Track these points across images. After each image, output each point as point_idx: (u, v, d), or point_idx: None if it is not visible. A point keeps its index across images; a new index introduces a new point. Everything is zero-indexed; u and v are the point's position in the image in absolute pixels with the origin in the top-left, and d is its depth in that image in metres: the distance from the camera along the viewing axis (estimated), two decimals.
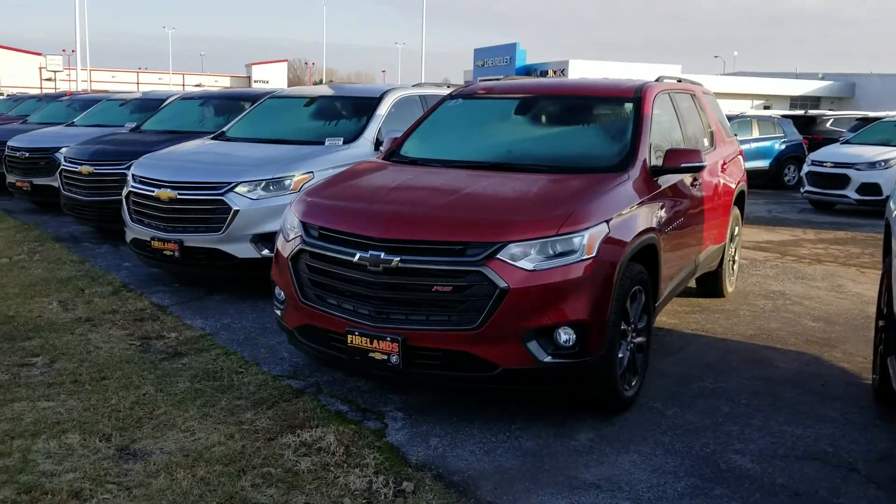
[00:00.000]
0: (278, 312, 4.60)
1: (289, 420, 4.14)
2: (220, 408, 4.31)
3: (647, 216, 4.49)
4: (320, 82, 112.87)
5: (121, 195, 8.66)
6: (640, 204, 4.45)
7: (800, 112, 24.13)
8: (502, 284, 3.73)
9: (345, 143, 7.19)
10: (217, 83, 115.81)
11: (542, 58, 68.39)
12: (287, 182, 6.47)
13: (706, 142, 6.29)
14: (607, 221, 4.04)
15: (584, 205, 4.06)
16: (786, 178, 18.78)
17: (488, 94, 5.80)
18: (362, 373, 4.33)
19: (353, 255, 3.98)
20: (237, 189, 6.37)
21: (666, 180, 4.92)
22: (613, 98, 5.42)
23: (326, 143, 7.20)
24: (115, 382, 4.65)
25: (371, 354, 3.97)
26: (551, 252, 3.85)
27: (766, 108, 64.32)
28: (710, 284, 6.74)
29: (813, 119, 21.61)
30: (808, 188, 14.65)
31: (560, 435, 4.05)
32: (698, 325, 6.15)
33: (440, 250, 3.86)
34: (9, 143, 11.83)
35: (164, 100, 12.51)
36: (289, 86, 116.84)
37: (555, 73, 63.35)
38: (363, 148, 7.19)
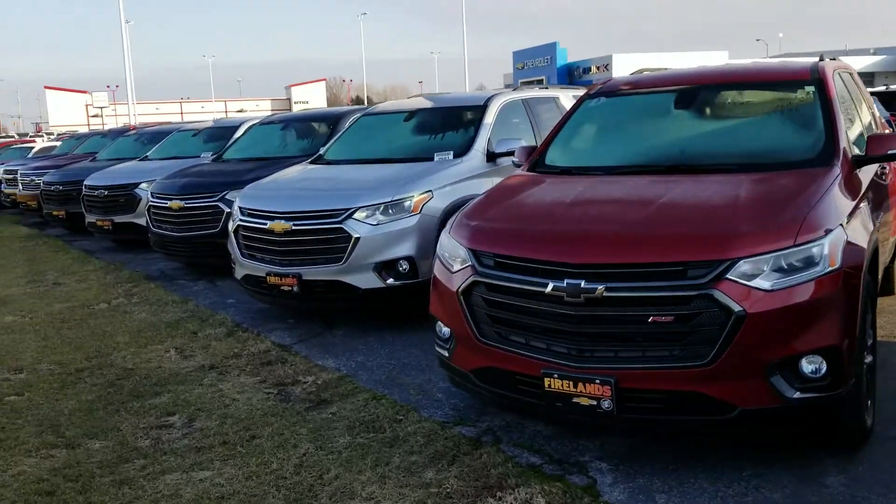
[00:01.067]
0: (444, 353, 4.07)
1: (481, 479, 3.60)
2: (395, 466, 3.79)
3: (867, 214, 3.87)
4: (357, 99, 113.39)
5: (213, 228, 8.33)
6: (860, 200, 3.83)
7: (881, 88, 22.99)
8: (737, 309, 3.14)
9: (455, 156, 6.67)
10: (258, 107, 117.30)
11: (583, 55, 67.38)
12: (407, 203, 5.97)
13: (874, 125, 5.62)
14: (842, 225, 3.43)
15: (815, 207, 3.45)
16: None
17: (636, 89, 5.21)
18: (562, 420, 3.78)
19: (545, 286, 3.42)
20: (356, 215, 5.89)
21: (866, 171, 4.28)
22: (787, 82, 4.79)
23: (436, 158, 6.69)
24: (268, 441, 4.17)
25: (576, 400, 3.41)
26: (786, 266, 3.25)
27: None
28: (882, 281, 6.04)
29: (894, 94, 20.54)
30: None
31: (805, 480, 3.44)
32: (885, 331, 5.46)
33: (654, 273, 3.28)
34: (86, 182, 11.63)
35: (237, 127, 12.22)
36: (328, 105, 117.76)
37: (598, 69, 62.37)
38: (475, 160, 6.67)
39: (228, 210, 8.35)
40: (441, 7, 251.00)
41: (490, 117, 7.09)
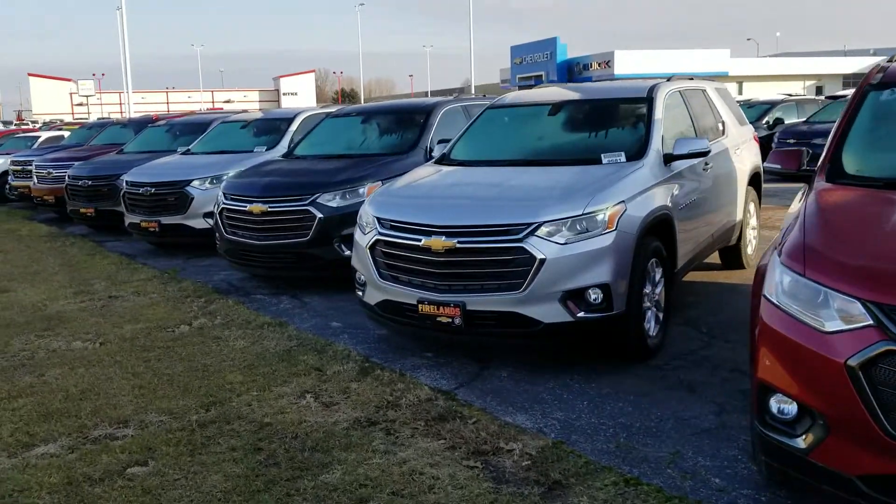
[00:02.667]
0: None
1: None
2: None
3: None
4: (350, 92, 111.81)
5: (302, 237, 7.18)
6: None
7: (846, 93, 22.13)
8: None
9: (628, 159, 5.54)
10: (246, 98, 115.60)
11: (580, 51, 66.35)
12: (600, 217, 4.83)
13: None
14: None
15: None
16: None
17: None
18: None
19: None
20: (539, 231, 4.74)
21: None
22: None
23: (605, 160, 5.56)
24: None
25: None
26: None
27: (818, 89, 61.98)
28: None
29: None
30: None
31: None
32: None
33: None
34: (127, 179, 10.39)
35: (292, 119, 11.08)
36: (318, 97, 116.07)
37: (599, 65, 61.45)
38: (653, 164, 5.55)
39: (321, 215, 7.22)
40: (432, 1, 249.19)
41: (659, 111, 5.96)
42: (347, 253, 7.23)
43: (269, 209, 7.39)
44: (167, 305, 7.32)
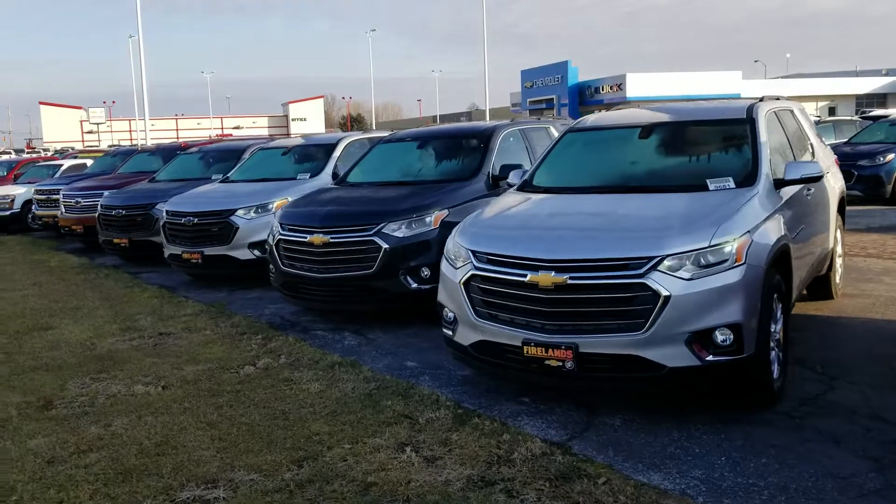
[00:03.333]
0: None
1: None
2: None
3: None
4: (357, 117, 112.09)
5: (367, 269, 6.78)
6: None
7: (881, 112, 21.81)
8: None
9: (737, 184, 5.13)
10: (255, 124, 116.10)
11: (590, 74, 66.31)
12: (727, 250, 4.40)
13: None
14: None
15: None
16: None
17: None
18: None
19: None
20: (662, 266, 4.31)
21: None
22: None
23: (711, 186, 5.15)
24: None
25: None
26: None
27: (831, 109, 61.68)
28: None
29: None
30: None
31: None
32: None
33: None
34: (167, 208, 10.01)
35: (335, 144, 10.74)
36: (326, 123, 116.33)
37: (611, 88, 61.34)
38: (766, 190, 5.13)
39: (386, 246, 6.81)
40: (437, 26, 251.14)
41: (763, 133, 5.56)
42: (414, 285, 6.86)
43: (332, 240, 6.98)
44: (224, 343, 6.90)
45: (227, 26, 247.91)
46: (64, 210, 14.29)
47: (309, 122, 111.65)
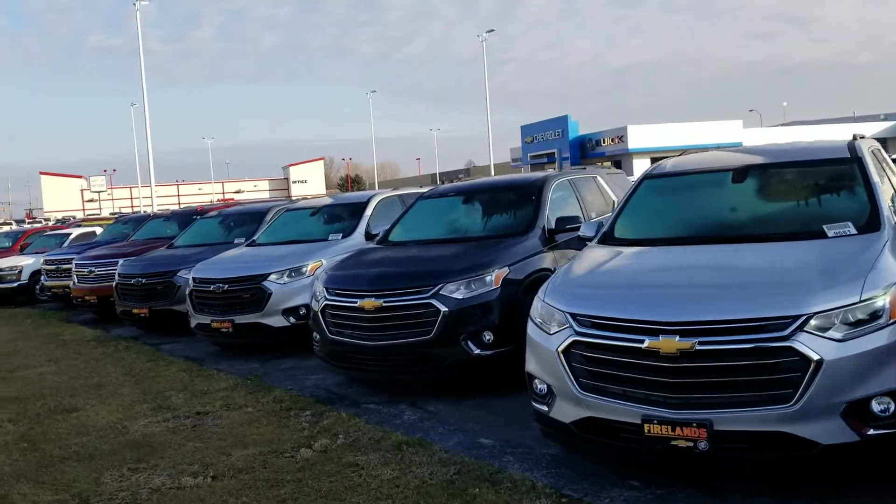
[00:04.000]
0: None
1: None
2: None
3: None
4: (355, 177, 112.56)
5: (424, 335, 6.18)
6: None
7: None
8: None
9: (858, 230, 4.57)
10: (256, 187, 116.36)
11: (587, 128, 66.46)
12: (880, 304, 3.82)
13: None
14: None
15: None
16: None
17: None
18: None
19: None
20: (808, 326, 3.72)
21: None
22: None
23: (830, 232, 4.60)
24: None
25: None
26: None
27: None
28: None
29: None
30: None
31: None
32: None
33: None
34: (194, 275, 9.43)
35: (366, 203, 10.21)
36: (326, 185, 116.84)
37: (612, 140, 61.46)
38: (889, 231, 4.56)
39: (445, 309, 6.22)
40: (432, 87, 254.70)
41: (873, 172, 5.03)
42: (476, 352, 6.27)
43: (385, 304, 6.38)
44: (270, 422, 6.24)
45: (225, 93, 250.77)
46: (76, 280, 13.70)
47: (309, 183, 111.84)
